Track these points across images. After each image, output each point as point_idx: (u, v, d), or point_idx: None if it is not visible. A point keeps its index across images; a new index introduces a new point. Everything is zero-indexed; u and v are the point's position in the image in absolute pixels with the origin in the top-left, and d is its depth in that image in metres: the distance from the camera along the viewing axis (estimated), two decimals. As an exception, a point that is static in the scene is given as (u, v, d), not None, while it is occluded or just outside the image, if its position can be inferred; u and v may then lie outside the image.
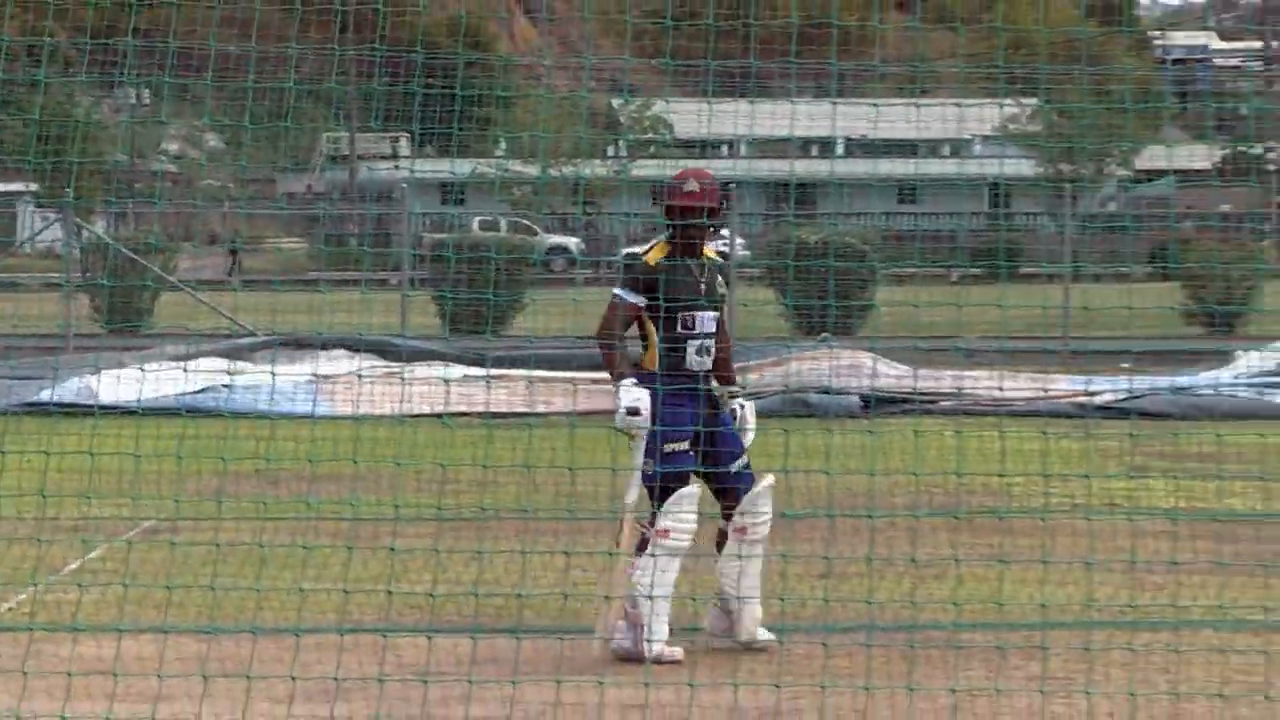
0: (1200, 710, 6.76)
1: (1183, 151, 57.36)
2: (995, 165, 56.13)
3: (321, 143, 56.27)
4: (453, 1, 56.32)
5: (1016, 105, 53.41)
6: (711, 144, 51.43)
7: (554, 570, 8.96)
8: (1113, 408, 17.18)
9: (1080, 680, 7.15)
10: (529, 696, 6.87)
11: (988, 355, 20.38)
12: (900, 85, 39.20)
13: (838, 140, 52.84)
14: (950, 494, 11.08)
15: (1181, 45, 79.18)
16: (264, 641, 7.41)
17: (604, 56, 52.17)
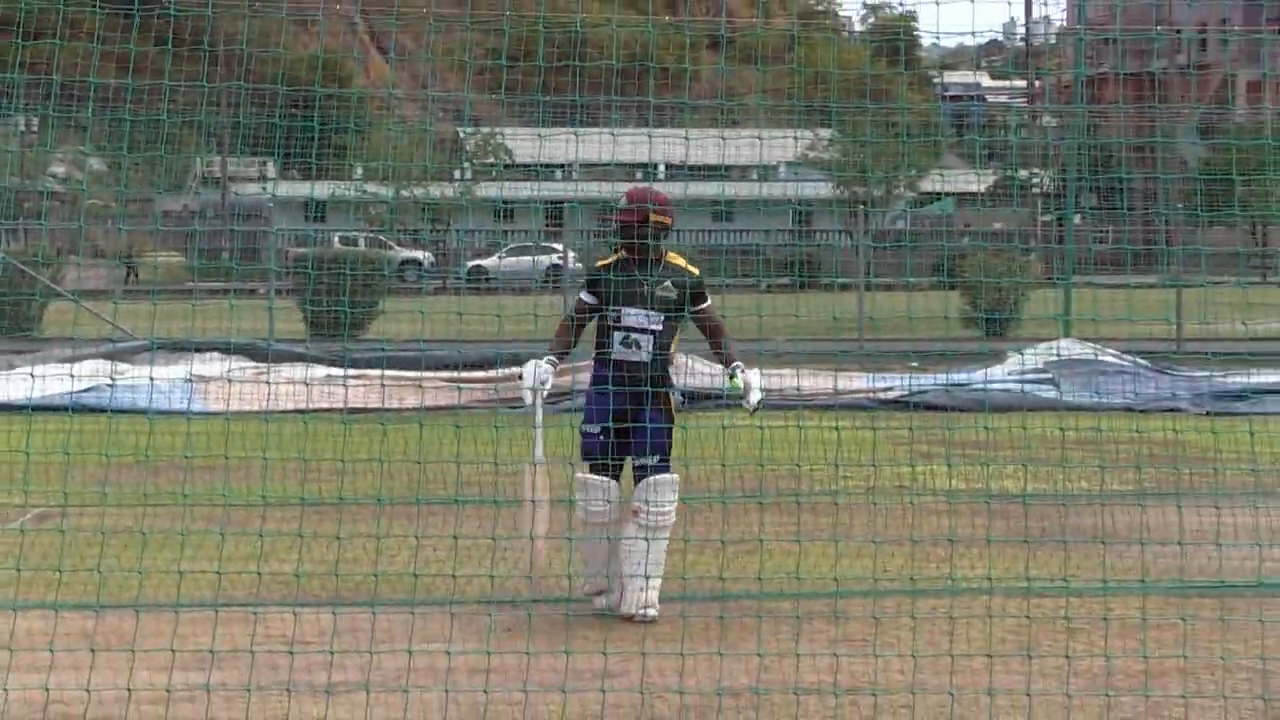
0: (977, 666, 6.88)
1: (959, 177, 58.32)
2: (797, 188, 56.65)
3: (196, 166, 55.34)
4: (313, 40, 55.64)
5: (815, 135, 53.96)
6: (546, 168, 51.34)
7: (407, 550, 8.93)
8: (900, 401, 17.43)
9: (871, 642, 7.25)
10: (385, 664, 6.83)
11: (791, 356, 20.59)
12: (713, 117, 39.41)
13: (659, 165, 52.98)
14: (756, 479, 11.16)
15: (957, 83, 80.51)
16: (146, 617, 7.28)
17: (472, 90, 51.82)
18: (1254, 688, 6.59)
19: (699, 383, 17.80)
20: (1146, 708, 6.37)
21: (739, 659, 6.93)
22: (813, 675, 6.76)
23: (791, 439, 11.91)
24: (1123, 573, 8.72)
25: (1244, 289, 24.89)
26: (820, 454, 12.46)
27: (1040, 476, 11.93)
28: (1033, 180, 54.53)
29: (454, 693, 6.44)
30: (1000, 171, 58.94)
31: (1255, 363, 18.87)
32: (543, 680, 6.62)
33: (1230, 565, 8.57)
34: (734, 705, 6.41)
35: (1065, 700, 6.35)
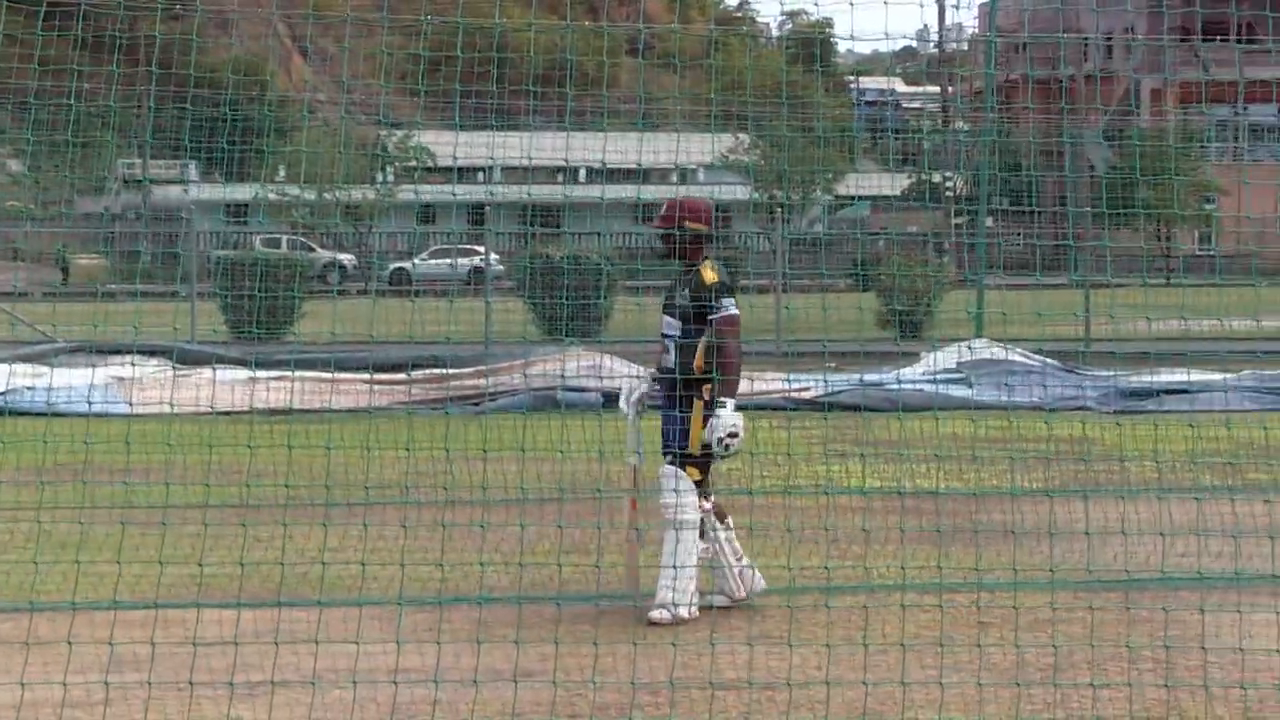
0: (890, 659, 6.93)
1: (875, 180, 58.72)
2: (716, 190, 56.83)
3: (117, 168, 54.73)
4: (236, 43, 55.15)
5: (735, 139, 54.16)
6: (468, 170, 51.21)
7: (315, 548, 8.86)
8: (817, 401, 17.52)
9: (787, 637, 7.29)
10: (295, 663, 6.78)
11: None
12: (633, 120, 39.46)
13: (580, 168, 53.03)
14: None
15: (873, 89, 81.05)
16: (39, 618, 7.20)
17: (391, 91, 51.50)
18: (1157, 677, 6.68)
19: (617, 384, 17.80)
20: (1056, 698, 6.43)
21: (657, 654, 6.94)
22: (731, 671, 6.78)
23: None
24: (1032, 568, 8.82)
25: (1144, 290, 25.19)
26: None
27: (953, 474, 12.03)
28: (946, 183, 55.00)
29: (367, 688, 6.41)
30: (914, 175, 59.44)
31: (1160, 362, 19.12)
32: (463, 678, 6.60)
33: (1135, 559, 8.68)
34: (651, 701, 6.42)
35: (977, 692, 6.41)
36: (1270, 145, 58.59)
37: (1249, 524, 9.31)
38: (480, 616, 7.34)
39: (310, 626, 7.11)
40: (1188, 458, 12.59)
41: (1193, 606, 7.76)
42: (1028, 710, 6.32)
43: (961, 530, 9.65)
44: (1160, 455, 12.48)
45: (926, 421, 14.73)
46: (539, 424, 13.12)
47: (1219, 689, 6.49)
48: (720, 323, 8.02)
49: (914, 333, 26.76)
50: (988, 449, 13.40)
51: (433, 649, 6.75)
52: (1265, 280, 15.15)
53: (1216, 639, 7.20)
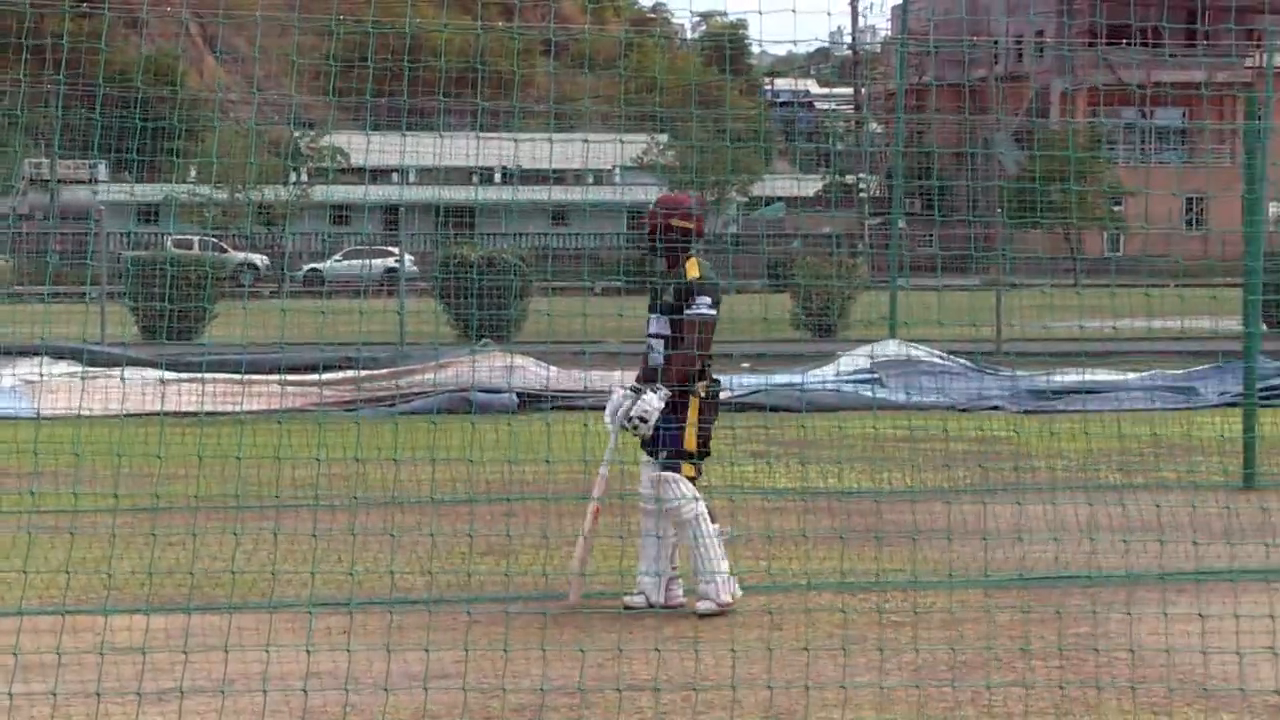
0: (796, 660, 6.94)
1: (790, 181, 58.98)
2: (632, 192, 56.90)
3: (24, 168, 53.95)
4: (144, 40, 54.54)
5: (651, 140, 54.24)
6: (382, 171, 50.92)
7: (227, 552, 8.77)
8: (734, 401, 17.55)
9: (693, 638, 7.29)
10: (196, 665, 6.70)
11: (627, 357, 20.65)
12: (549, 122, 39.40)
13: (494, 169, 52.86)
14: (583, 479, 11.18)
15: (787, 90, 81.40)
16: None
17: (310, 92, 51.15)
18: (1052, 676, 6.75)
19: (530, 383, 17.77)
20: (956, 698, 6.48)
21: (568, 657, 6.92)
22: (645, 672, 6.78)
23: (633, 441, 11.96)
24: (933, 566, 8.88)
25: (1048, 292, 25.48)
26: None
27: (862, 474, 12.08)
28: (859, 185, 55.37)
29: (274, 694, 6.35)
30: (828, 176, 59.79)
31: (1069, 362, 19.34)
32: (375, 683, 6.55)
33: (1031, 557, 8.76)
34: (566, 704, 6.40)
35: (881, 692, 6.44)
36: (1176, 148, 59.45)
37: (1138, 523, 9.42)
38: (392, 620, 7.29)
39: (221, 632, 7.03)
40: (1097, 456, 12.74)
41: (1087, 604, 7.85)
42: (932, 709, 6.36)
43: (869, 531, 9.70)
44: (1068, 454, 12.62)
45: (837, 421, 14.80)
46: (452, 426, 13.06)
47: (1110, 688, 6.58)
48: (690, 318, 8.01)
49: (828, 334, 26.89)
50: (900, 449, 13.48)
51: (344, 653, 6.70)
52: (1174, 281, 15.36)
53: (1110, 638, 7.30)
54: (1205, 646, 6.82)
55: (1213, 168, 46.51)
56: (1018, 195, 28.18)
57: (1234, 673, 6.70)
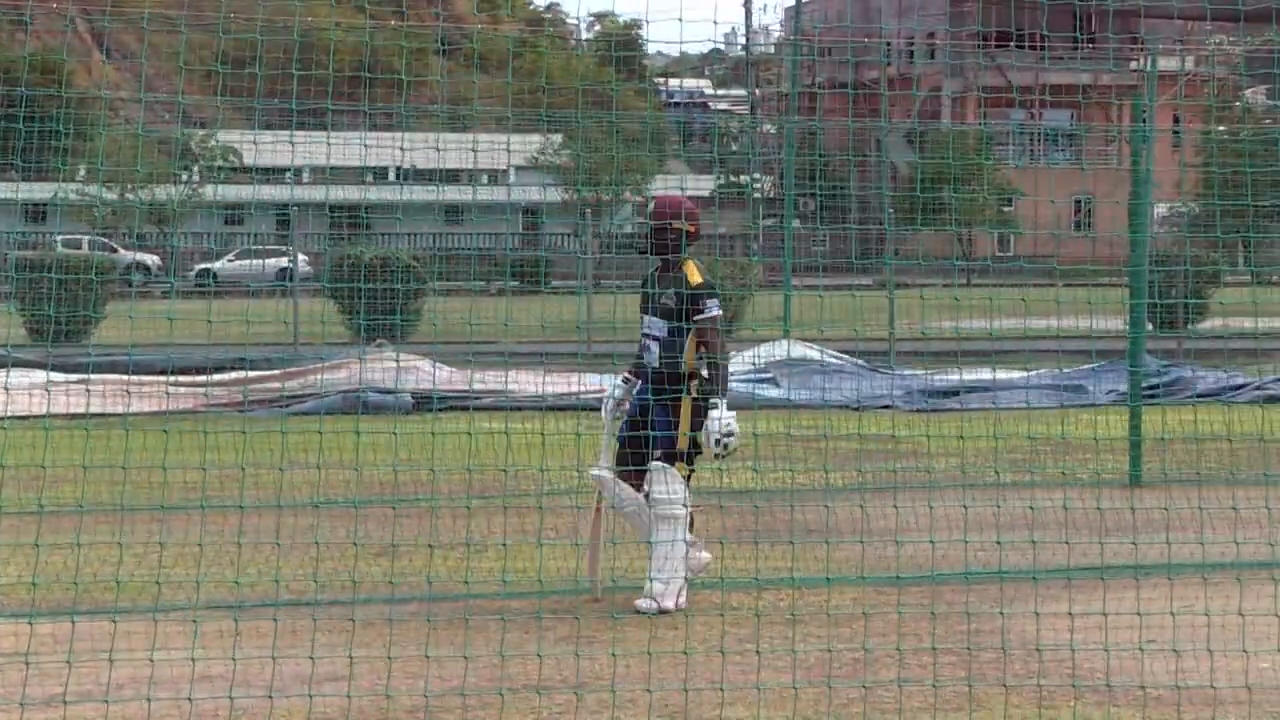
0: (710, 660, 6.95)
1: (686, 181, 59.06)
2: (529, 192, 56.80)
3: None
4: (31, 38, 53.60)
5: (544, 139, 54.16)
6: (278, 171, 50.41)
7: (110, 556, 8.64)
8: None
9: (609, 639, 7.27)
10: (82, 671, 6.58)
11: (527, 357, 20.60)
12: (444, 122, 39.22)
13: (388, 168, 52.57)
14: (497, 480, 11.15)
15: (682, 90, 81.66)
16: None
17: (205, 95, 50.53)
18: (960, 672, 6.81)
19: (425, 384, 17.67)
20: (864, 695, 6.52)
21: (484, 662, 6.87)
22: (555, 673, 6.76)
23: (534, 441, 11.92)
24: (842, 564, 8.93)
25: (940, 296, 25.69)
26: (557, 454, 12.46)
27: (765, 474, 12.12)
28: (753, 185, 55.58)
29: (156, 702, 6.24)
30: (722, 177, 60.01)
31: (964, 361, 19.53)
32: (260, 687, 6.46)
33: (939, 555, 8.82)
34: (478, 704, 6.36)
35: (792, 692, 6.46)
36: (1064, 150, 60.31)
37: (1021, 520, 9.53)
38: (276, 625, 7.19)
39: (107, 637, 6.90)
40: (988, 454, 12.87)
41: (993, 601, 7.93)
42: (838, 706, 6.39)
43: (777, 531, 9.74)
44: (959, 453, 12.73)
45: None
46: (344, 427, 12.92)
47: (1015, 683, 6.64)
48: (703, 324, 8.11)
49: (726, 332, 26.95)
50: (798, 448, 13.54)
51: (231, 658, 6.62)
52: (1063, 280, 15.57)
53: (1014, 634, 7.37)
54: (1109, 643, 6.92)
55: (1100, 169, 47.24)
56: (909, 196, 28.46)
57: (1106, 666, 6.80)
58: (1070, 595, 7.42)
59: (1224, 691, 6.49)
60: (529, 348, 21.21)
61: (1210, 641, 6.87)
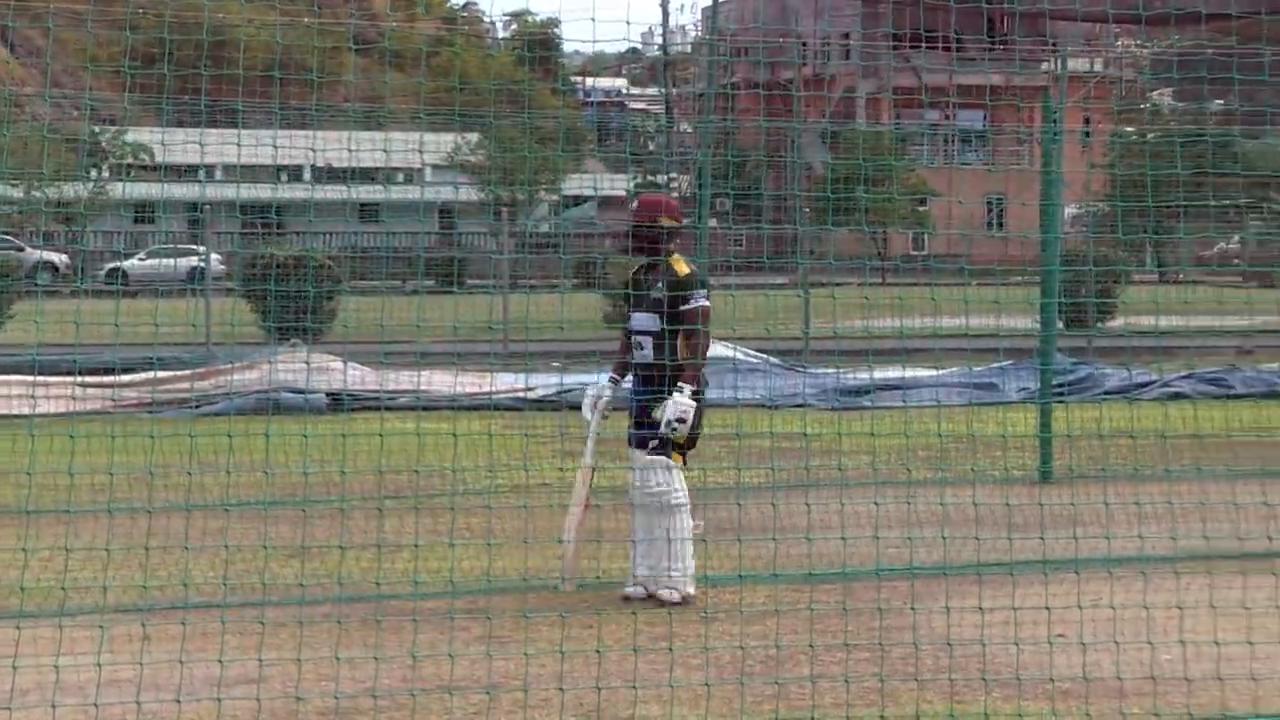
0: (622, 659, 6.96)
1: (602, 180, 59.12)
2: (445, 190, 56.56)
3: None
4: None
5: (460, 138, 53.95)
6: (191, 169, 49.91)
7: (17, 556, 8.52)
8: (547, 401, 17.55)
9: (521, 639, 7.26)
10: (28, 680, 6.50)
11: (441, 356, 20.52)
12: (359, 120, 38.99)
13: (303, 166, 52.16)
14: (410, 481, 11.11)
15: (599, 90, 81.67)
16: None
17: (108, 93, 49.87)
18: (872, 668, 6.86)
19: (340, 384, 17.57)
20: (777, 692, 6.55)
21: (395, 662, 6.84)
22: (470, 675, 6.74)
23: (445, 441, 11.87)
24: (754, 561, 8.96)
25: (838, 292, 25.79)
26: (470, 454, 12.43)
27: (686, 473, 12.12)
28: (672, 184, 55.65)
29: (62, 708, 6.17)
30: (638, 176, 60.02)
31: (875, 360, 19.62)
32: (169, 690, 6.41)
33: (850, 551, 8.88)
34: (390, 705, 6.33)
35: (705, 690, 6.47)
36: (977, 150, 60.88)
37: (931, 517, 9.62)
38: (185, 629, 7.13)
39: (10, 643, 6.82)
40: (903, 452, 12.97)
41: (903, 597, 7.99)
42: (750, 704, 6.42)
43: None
44: (875, 450, 12.80)
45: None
46: (256, 428, 12.82)
47: (927, 678, 6.70)
48: (690, 314, 8.24)
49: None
50: (713, 446, 13.57)
51: (138, 663, 6.55)
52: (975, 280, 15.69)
53: (925, 630, 7.43)
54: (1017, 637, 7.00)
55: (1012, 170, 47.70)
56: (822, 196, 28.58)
57: (1015, 660, 6.87)
58: (980, 591, 7.50)
59: (1129, 683, 6.59)
60: (444, 348, 21.12)
61: (1116, 635, 6.96)
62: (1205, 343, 22.59)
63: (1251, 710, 6.33)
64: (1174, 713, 6.31)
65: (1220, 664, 6.70)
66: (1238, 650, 6.85)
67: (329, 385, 17.51)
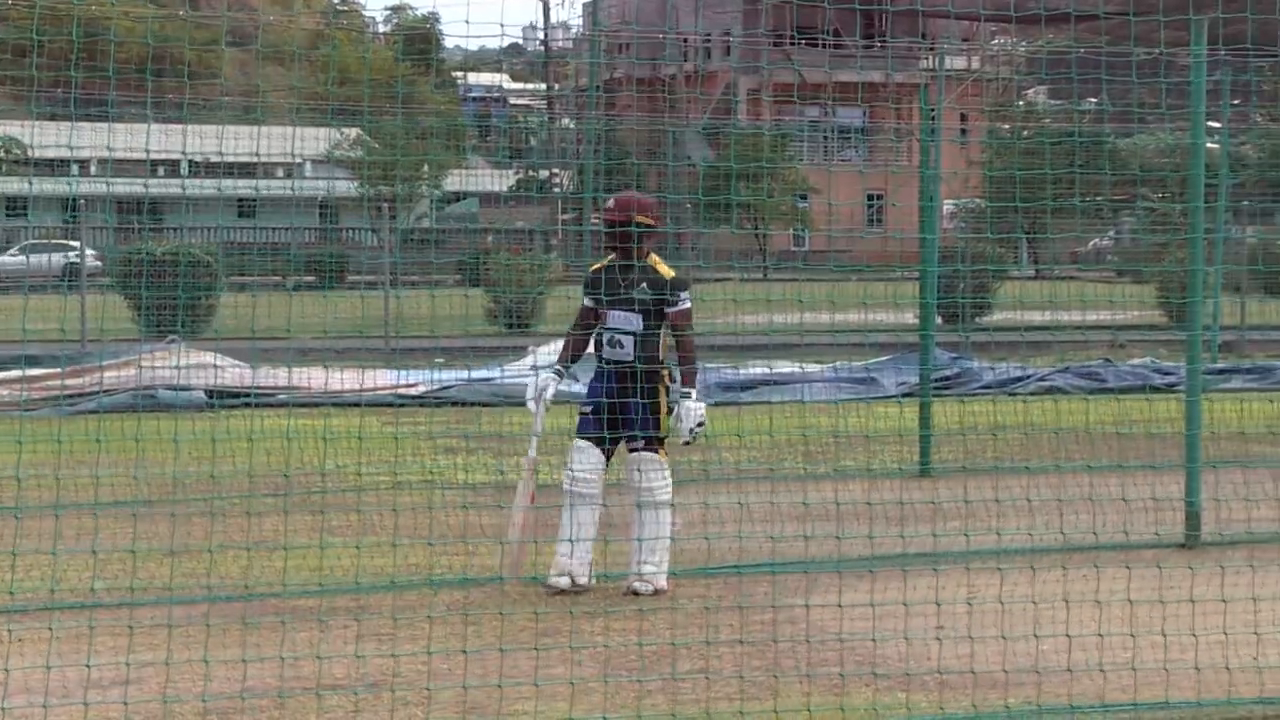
0: (491, 657, 6.90)
1: (483, 175, 58.89)
2: (324, 185, 56.00)
3: None
4: None
5: (340, 133, 53.44)
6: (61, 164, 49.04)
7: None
8: (427, 397, 17.43)
9: (393, 637, 7.18)
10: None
11: (319, 353, 20.31)
12: (238, 114, 38.50)
13: (181, 161, 51.39)
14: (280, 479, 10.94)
15: (480, 85, 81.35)
16: None
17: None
18: (733, 665, 6.87)
19: (220, 380, 17.30)
20: (646, 688, 6.54)
21: (265, 664, 6.73)
22: (341, 672, 6.65)
23: (319, 436, 11.74)
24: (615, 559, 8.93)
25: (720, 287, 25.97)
26: (346, 451, 12.31)
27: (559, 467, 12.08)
28: (553, 179, 55.62)
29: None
30: (522, 171, 59.93)
31: (755, 356, 19.74)
32: (63, 691, 6.25)
33: (744, 548, 8.89)
34: (258, 705, 6.23)
35: (571, 687, 6.44)
36: (857, 145, 61.42)
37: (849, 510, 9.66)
38: (53, 631, 6.96)
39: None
40: (781, 447, 13.02)
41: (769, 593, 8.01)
42: (622, 699, 6.39)
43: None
44: (753, 445, 12.85)
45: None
46: (129, 426, 12.60)
47: (818, 672, 6.72)
48: (678, 316, 8.25)
49: (523, 328, 26.90)
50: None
51: (4, 669, 6.39)
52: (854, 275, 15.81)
53: (791, 624, 7.46)
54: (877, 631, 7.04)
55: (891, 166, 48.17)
56: (707, 191, 28.67)
57: (903, 653, 6.92)
58: (840, 584, 7.55)
59: (1014, 675, 6.65)
60: (324, 344, 20.91)
61: (1003, 628, 7.03)
62: (1078, 338, 22.96)
63: (1130, 699, 6.41)
64: (1056, 703, 6.37)
65: (1102, 654, 6.78)
66: (1119, 641, 6.94)
67: (207, 383, 17.25)
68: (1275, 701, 6.41)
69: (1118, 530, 8.82)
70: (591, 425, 8.31)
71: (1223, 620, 7.07)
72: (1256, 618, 7.13)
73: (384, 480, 11.89)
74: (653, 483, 8.23)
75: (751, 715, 6.14)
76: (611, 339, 8.35)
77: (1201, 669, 6.69)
